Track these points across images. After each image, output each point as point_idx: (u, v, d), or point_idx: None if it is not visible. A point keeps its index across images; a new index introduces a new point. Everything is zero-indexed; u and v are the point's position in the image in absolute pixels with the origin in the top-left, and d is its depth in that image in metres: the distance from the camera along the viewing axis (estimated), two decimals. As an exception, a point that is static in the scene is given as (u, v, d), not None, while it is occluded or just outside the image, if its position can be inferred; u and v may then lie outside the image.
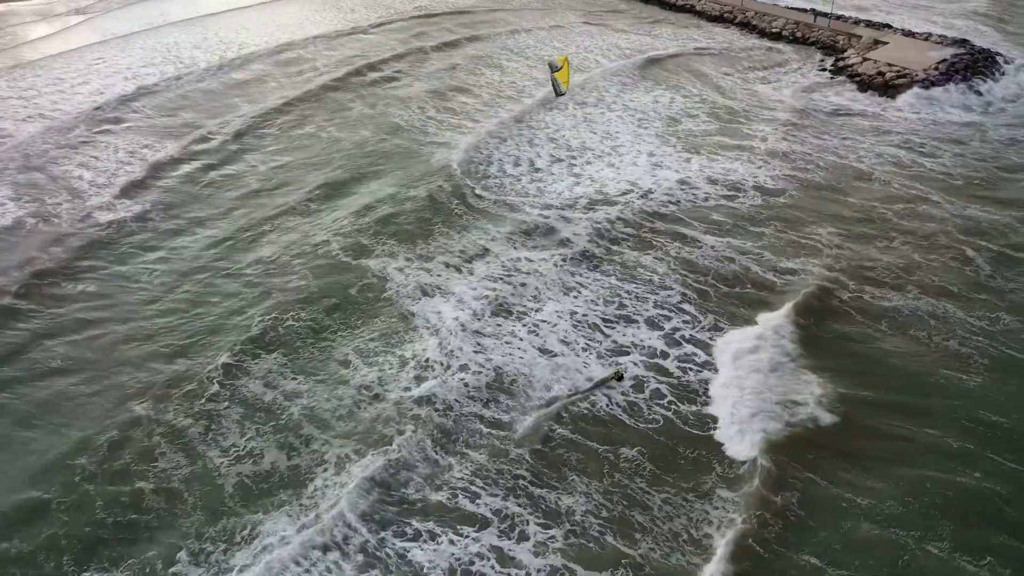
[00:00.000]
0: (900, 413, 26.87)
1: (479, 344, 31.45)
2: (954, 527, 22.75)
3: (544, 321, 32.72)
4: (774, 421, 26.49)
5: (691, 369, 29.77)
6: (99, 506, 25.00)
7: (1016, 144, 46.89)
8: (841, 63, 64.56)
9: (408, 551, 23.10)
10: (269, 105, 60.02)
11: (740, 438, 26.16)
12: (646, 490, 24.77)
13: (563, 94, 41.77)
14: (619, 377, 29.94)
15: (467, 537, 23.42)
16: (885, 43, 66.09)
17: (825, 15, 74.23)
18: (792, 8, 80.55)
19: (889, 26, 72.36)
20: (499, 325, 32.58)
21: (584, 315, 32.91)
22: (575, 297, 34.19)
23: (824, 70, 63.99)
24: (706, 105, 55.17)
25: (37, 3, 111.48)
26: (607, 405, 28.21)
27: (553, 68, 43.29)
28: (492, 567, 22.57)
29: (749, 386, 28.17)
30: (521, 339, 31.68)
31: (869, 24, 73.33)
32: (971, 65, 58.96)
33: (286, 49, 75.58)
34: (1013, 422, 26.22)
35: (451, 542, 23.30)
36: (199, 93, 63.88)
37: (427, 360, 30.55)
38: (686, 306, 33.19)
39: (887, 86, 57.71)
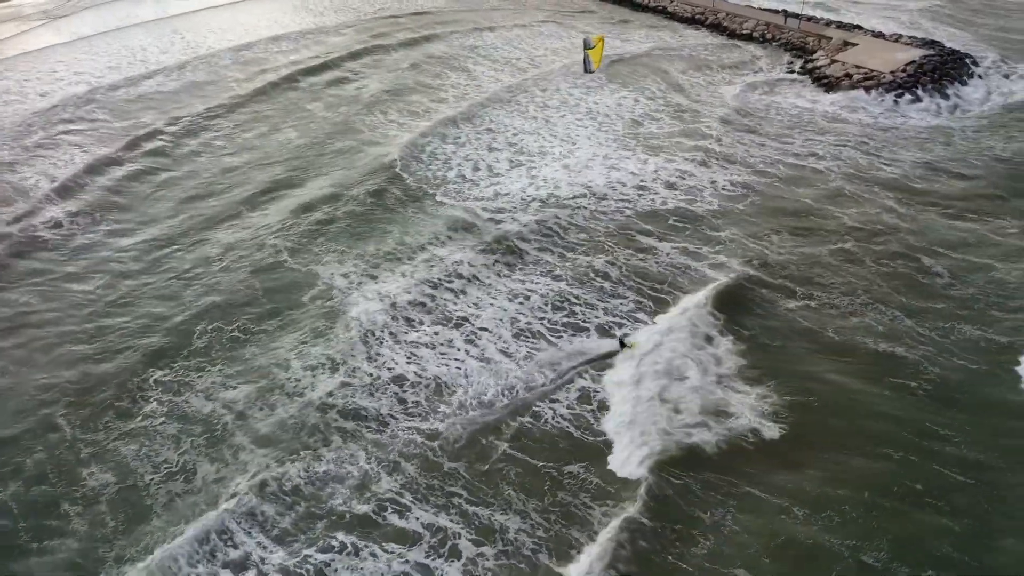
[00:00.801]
0: (844, 423, 26.27)
1: (414, 354, 30.72)
2: (893, 538, 22.23)
3: (484, 329, 31.98)
4: (710, 433, 25.80)
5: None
6: (21, 527, 24.44)
7: (981, 149, 46.05)
8: (809, 65, 63.96)
9: (329, 564, 22.48)
10: (225, 106, 59.44)
11: (666, 451, 25.32)
12: (589, 505, 24.07)
13: (591, 72, 41.26)
14: (623, 346, 29.66)
15: (392, 553, 22.72)
16: (855, 44, 65.59)
17: (796, 16, 73.71)
18: (764, 9, 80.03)
19: (860, 27, 71.85)
20: (436, 333, 31.89)
21: (528, 323, 32.15)
22: (520, 304, 33.43)
23: (792, 72, 63.41)
24: (670, 108, 54.51)
25: (8, 7, 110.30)
26: (552, 417, 27.44)
27: (587, 46, 42.79)
28: (417, 586, 22.01)
29: (687, 398, 27.33)
30: (458, 348, 30.96)
31: (840, 25, 72.82)
32: (939, 67, 58.37)
33: (250, 49, 74.71)
34: (963, 435, 25.50)
35: (373, 556, 22.66)
36: (158, 94, 63.12)
37: (359, 369, 29.89)
38: (640, 315, 32.38)
39: (853, 88, 57.17)
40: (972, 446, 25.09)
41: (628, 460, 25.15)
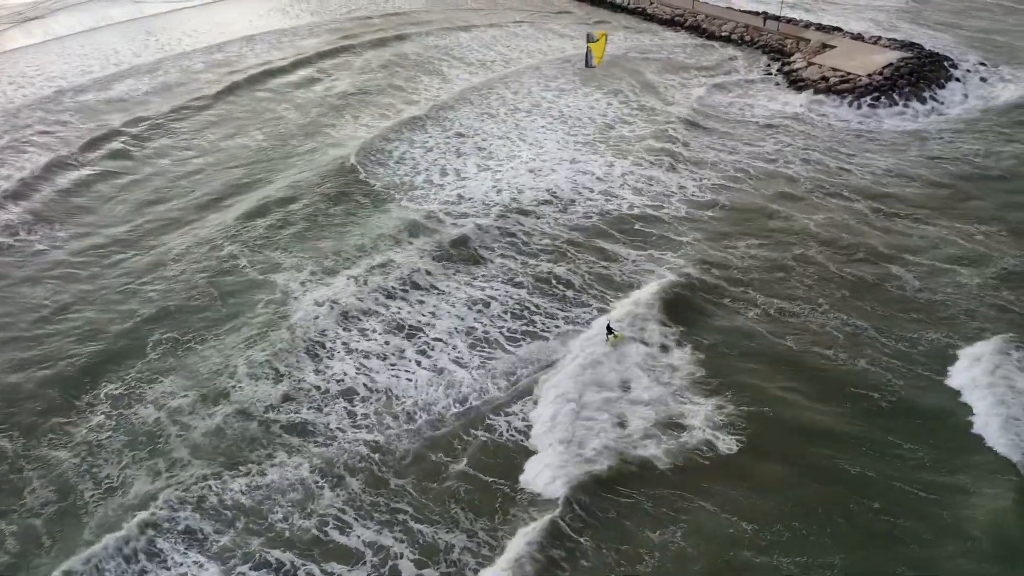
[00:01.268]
0: (802, 437, 25.66)
1: (363, 364, 30.02)
2: (845, 555, 21.67)
3: (439, 339, 31.24)
4: (662, 446, 25.12)
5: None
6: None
7: (955, 153, 45.28)
8: (787, 67, 63.41)
9: (265, 586, 21.85)
10: (193, 108, 58.71)
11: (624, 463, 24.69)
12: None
13: (592, 67, 40.28)
14: (610, 332, 29.24)
15: (331, 573, 22.04)
16: (833, 47, 65.08)
17: (775, 19, 73.23)
18: (745, 11, 79.43)
19: (839, 29, 71.38)
20: (387, 343, 31.13)
21: (486, 331, 31.43)
22: (479, 312, 32.69)
23: (769, 74, 62.81)
24: (644, 111, 53.76)
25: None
26: (507, 430, 26.69)
27: (590, 39, 41.76)
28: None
29: (635, 410, 26.69)
30: (408, 360, 30.19)
31: (820, 28, 72.28)
32: (917, 70, 57.81)
33: (222, 51, 73.73)
34: (926, 450, 24.90)
35: (310, 576, 22.01)
36: (129, 96, 62.17)
37: (305, 380, 29.24)
38: (605, 320, 31.61)
39: (830, 91, 56.63)
40: (935, 462, 24.54)
41: (553, 478, 24.29)
